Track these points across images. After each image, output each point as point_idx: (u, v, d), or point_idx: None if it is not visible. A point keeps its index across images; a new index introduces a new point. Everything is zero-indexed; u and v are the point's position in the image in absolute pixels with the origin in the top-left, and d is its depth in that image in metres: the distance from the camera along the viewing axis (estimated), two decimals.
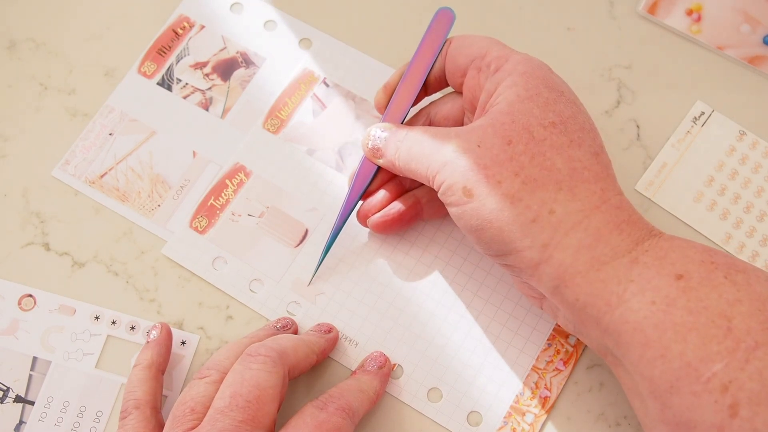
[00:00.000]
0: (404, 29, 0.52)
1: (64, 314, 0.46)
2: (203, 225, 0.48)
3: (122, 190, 0.48)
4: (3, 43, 0.52)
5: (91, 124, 0.50)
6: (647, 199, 0.48)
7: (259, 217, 0.48)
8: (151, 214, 0.48)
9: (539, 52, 0.44)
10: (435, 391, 0.45)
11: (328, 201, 0.48)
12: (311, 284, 0.46)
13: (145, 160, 0.49)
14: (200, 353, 0.46)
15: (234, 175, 0.49)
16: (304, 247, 0.47)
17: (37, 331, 0.46)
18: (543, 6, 0.52)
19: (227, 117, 0.50)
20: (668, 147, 0.49)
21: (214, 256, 0.47)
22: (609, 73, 0.51)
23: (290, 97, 0.50)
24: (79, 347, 0.46)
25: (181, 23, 0.52)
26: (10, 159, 0.49)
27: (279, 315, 0.46)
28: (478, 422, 0.44)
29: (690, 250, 0.37)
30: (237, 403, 0.37)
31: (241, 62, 0.51)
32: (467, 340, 0.45)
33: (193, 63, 0.51)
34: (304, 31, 0.52)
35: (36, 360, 0.45)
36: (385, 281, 0.47)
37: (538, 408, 0.44)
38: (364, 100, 0.50)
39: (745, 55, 0.50)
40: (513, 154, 0.37)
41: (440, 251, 0.47)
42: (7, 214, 0.48)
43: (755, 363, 0.33)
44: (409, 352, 0.45)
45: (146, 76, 0.51)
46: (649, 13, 0.51)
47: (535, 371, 0.45)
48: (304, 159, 0.49)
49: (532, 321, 0.46)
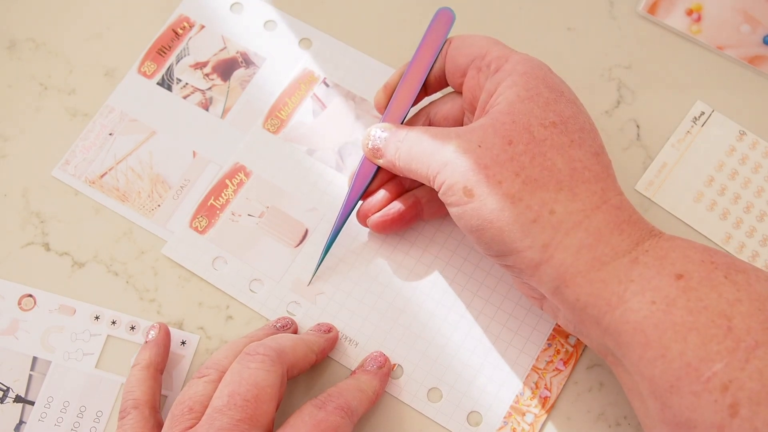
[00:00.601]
0: (404, 29, 0.52)
1: (64, 314, 0.46)
2: (203, 225, 0.48)
3: (122, 190, 0.48)
4: (3, 43, 0.52)
5: (91, 124, 0.50)
6: (647, 199, 0.48)
7: (259, 217, 0.48)
8: (151, 214, 0.48)
9: (539, 52, 0.44)
10: (435, 391, 0.45)
11: (328, 201, 0.48)
12: (311, 284, 0.46)
13: (145, 160, 0.49)
14: (200, 353, 0.46)
15: (234, 175, 0.49)
16: (304, 247, 0.47)
17: (37, 331, 0.46)
18: (543, 6, 0.52)
19: (227, 117, 0.50)
20: (668, 147, 0.49)
21: (214, 256, 0.47)
22: (609, 73, 0.51)
23: (290, 97, 0.50)
24: (79, 347, 0.46)
25: (181, 23, 0.52)
26: (10, 159, 0.49)
27: (279, 315, 0.46)
28: (478, 422, 0.44)
29: (690, 250, 0.37)
30: (235, 401, 0.37)
31: (241, 62, 0.51)
32: (467, 340, 0.45)
33: (193, 63, 0.51)
34: (304, 31, 0.52)
35: (36, 360, 0.45)
36: (385, 281, 0.47)
37: (538, 408, 0.44)
38: (364, 100, 0.50)
39: (745, 55, 0.50)
40: (513, 154, 0.37)
41: (440, 251, 0.47)
42: (7, 214, 0.48)
43: (755, 362, 0.33)
44: (409, 352, 0.45)
45: (146, 76, 0.51)
46: (649, 13, 0.51)
47: (535, 371, 0.45)
48: (304, 159, 0.49)
49: (532, 321, 0.46)
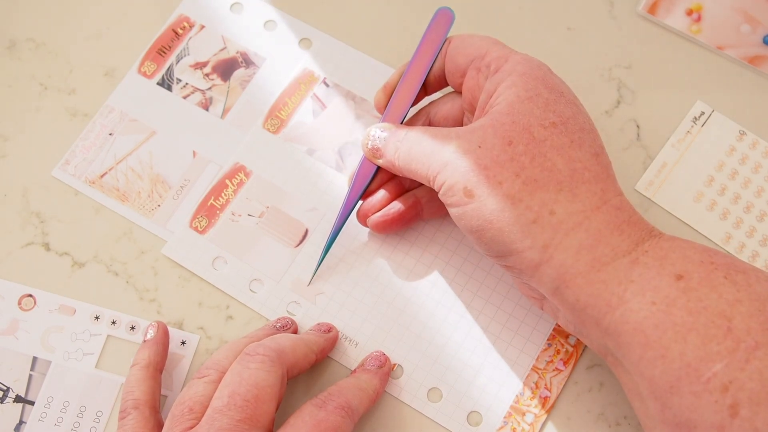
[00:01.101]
0: (404, 29, 0.52)
1: (64, 314, 0.46)
2: (203, 225, 0.48)
3: (122, 190, 0.48)
4: (3, 43, 0.52)
5: (91, 124, 0.50)
6: (647, 199, 0.48)
7: (259, 217, 0.48)
8: (151, 214, 0.48)
9: (539, 52, 0.44)
10: (435, 391, 0.45)
11: (328, 201, 0.48)
12: (311, 284, 0.46)
13: (145, 160, 0.49)
14: (200, 353, 0.46)
15: (234, 175, 0.49)
16: (304, 247, 0.47)
17: (37, 331, 0.46)
18: (543, 6, 0.52)
19: (227, 117, 0.50)
20: (668, 147, 0.49)
21: (214, 256, 0.47)
22: (609, 73, 0.51)
23: (290, 97, 0.50)
24: (79, 347, 0.46)
25: (181, 23, 0.52)
26: (10, 159, 0.49)
27: (279, 315, 0.46)
28: (478, 422, 0.44)
29: (690, 251, 0.37)
30: (235, 402, 0.37)
31: (241, 62, 0.51)
32: (467, 340, 0.45)
33: (193, 63, 0.51)
34: (304, 31, 0.52)
35: (36, 360, 0.45)
36: (385, 281, 0.47)
37: (538, 408, 0.44)
38: (364, 100, 0.50)
39: (745, 55, 0.50)
40: (513, 155, 0.37)
41: (440, 251, 0.47)
42: (7, 214, 0.48)
43: (755, 363, 0.33)
44: (409, 352, 0.45)
45: (146, 76, 0.51)
46: (649, 13, 0.51)
47: (535, 371, 0.45)
48: (304, 159, 0.49)
49: (532, 321, 0.46)
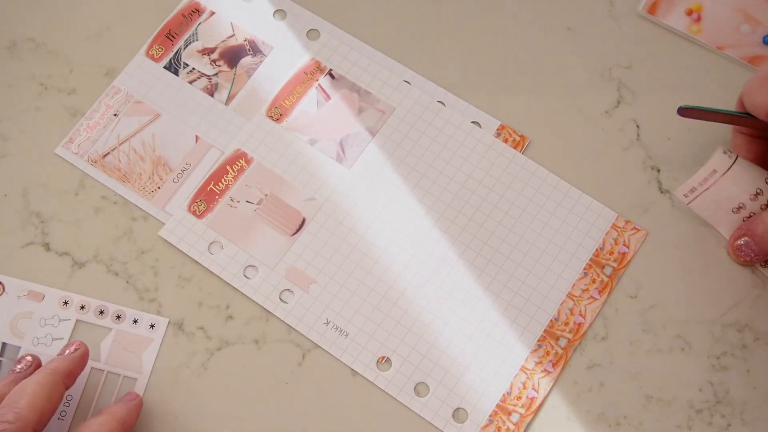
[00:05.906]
0: (411, 24, 0.52)
1: (32, 300, 0.46)
2: (201, 209, 0.48)
3: (123, 170, 0.49)
4: (3, 43, 0.52)
5: (96, 103, 0.50)
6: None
7: (257, 204, 0.48)
8: (150, 195, 0.48)
9: (539, 52, 0.44)
10: (422, 385, 0.44)
11: (326, 191, 0.48)
12: (305, 273, 0.46)
13: (148, 142, 0.49)
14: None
15: (235, 161, 0.49)
16: (300, 236, 0.47)
17: (6, 317, 0.46)
18: (543, 6, 0.52)
19: (231, 103, 0.50)
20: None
21: (211, 241, 0.47)
22: (609, 73, 0.50)
23: (295, 86, 0.50)
24: (48, 332, 0.46)
25: (191, 8, 0.52)
26: (10, 159, 0.50)
27: (272, 301, 0.46)
28: (464, 419, 0.44)
29: None
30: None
31: (249, 50, 0.51)
32: (457, 337, 0.45)
33: (201, 48, 0.51)
34: (312, 22, 0.52)
35: (5, 346, 0.45)
36: (378, 274, 0.47)
37: (524, 408, 0.44)
38: (368, 93, 0.50)
39: (745, 55, 0.50)
40: None
41: (436, 248, 0.47)
42: (7, 214, 0.48)
43: None
44: (398, 346, 0.45)
45: (154, 59, 0.51)
46: (649, 13, 0.51)
47: (524, 371, 0.44)
48: (306, 149, 0.49)
49: (524, 321, 0.45)
